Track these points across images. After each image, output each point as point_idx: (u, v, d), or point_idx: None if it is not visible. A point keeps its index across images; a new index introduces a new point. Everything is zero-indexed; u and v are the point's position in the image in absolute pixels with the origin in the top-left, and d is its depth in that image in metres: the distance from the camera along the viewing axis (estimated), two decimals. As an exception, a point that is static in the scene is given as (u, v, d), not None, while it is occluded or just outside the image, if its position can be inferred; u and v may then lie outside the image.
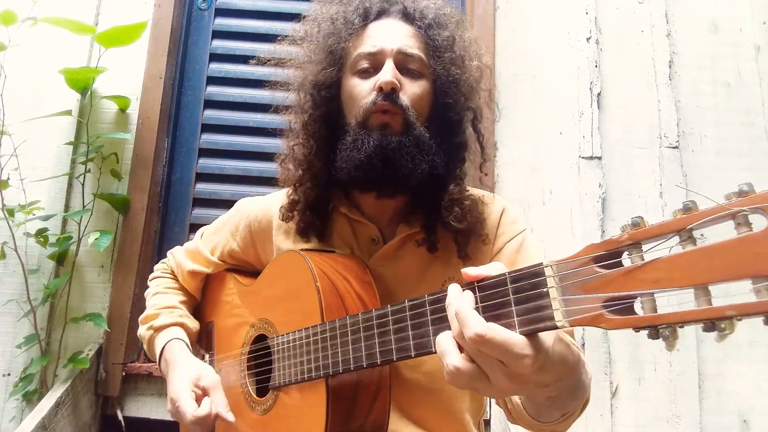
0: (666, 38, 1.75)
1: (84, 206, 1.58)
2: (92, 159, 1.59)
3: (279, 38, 0.96)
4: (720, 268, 0.40)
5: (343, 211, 0.88)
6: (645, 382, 1.53)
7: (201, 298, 1.07)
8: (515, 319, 0.51)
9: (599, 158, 1.67)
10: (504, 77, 1.73)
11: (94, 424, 1.52)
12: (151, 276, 1.09)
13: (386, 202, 0.85)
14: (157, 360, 0.96)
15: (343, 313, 0.73)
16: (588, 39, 1.75)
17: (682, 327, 0.42)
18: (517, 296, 0.51)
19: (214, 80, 1.77)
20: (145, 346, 1.01)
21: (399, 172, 0.79)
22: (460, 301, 0.53)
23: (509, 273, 0.53)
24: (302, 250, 0.83)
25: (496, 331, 0.50)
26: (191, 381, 0.87)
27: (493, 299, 0.53)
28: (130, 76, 1.69)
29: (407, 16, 0.85)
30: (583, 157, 1.67)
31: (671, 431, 1.50)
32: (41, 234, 1.52)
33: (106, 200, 1.58)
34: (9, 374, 1.52)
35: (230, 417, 0.84)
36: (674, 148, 1.68)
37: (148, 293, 1.05)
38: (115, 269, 1.58)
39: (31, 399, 1.47)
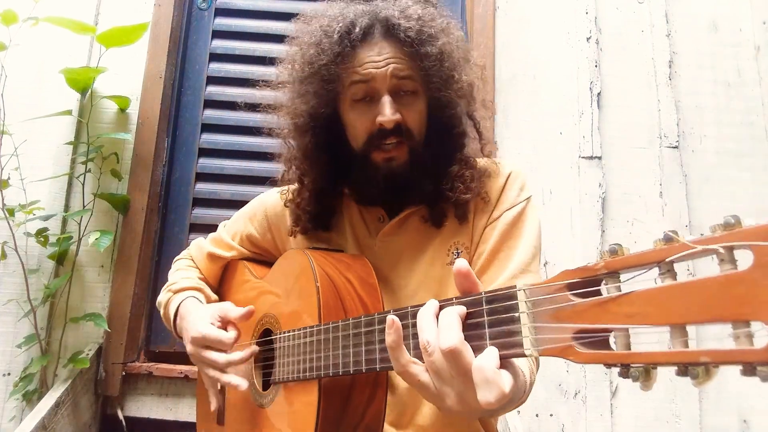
0: (666, 38, 1.75)
1: (84, 206, 1.58)
2: (92, 159, 1.59)
3: (273, 60, 0.96)
4: (698, 307, 0.36)
5: (351, 198, 0.92)
6: (645, 382, 1.53)
7: (219, 287, 1.09)
8: (487, 341, 0.50)
9: (599, 158, 1.67)
10: (504, 77, 1.73)
11: (94, 424, 1.52)
12: (175, 259, 1.13)
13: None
14: (172, 321, 0.97)
15: (341, 314, 0.74)
16: (588, 39, 1.75)
17: (654, 368, 0.39)
18: (491, 318, 0.50)
19: (214, 80, 1.77)
20: (161, 312, 1.03)
21: (408, 193, 0.85)
22: (450, 311, 0.53)
23: (485, 293, 0.52)
24: (309, 248, 0.85)
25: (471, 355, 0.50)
26: (210, 315, 0.88)
27: (468, 318, 0.52)
28: (130, 76, 1.69)
29: (391, 33, 0.82)
30: (583, 157, 1.67)
31: (671, 431, 1.50)
32: (41, 234, 1.52)
33: (106, 200, 1.59)
34: (9, 374, 1.52)
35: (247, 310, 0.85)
36: (674, 148, 1.68)
37: (170, 273, 1.09)
38: (115, 269, 1.58)
39: (31, 399, 1.47)
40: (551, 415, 1.52)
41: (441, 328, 0.51)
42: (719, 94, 1.72)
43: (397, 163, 0.83)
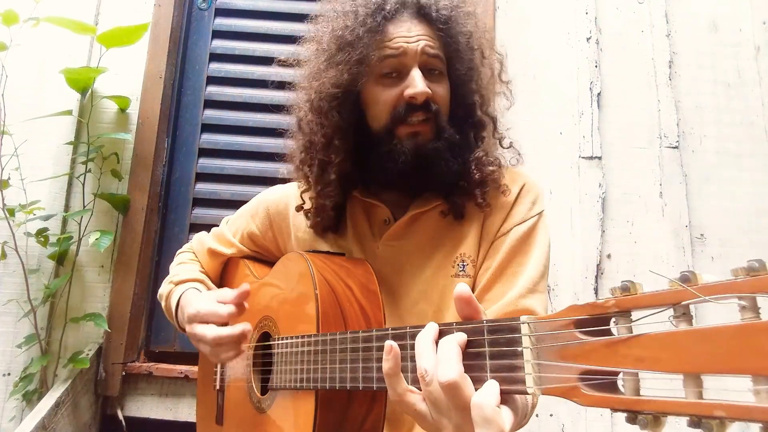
0: (666, 38, 1.75)
1: (84, 206, 1.58)
2: (92, 159, 1.59)
3: (296, 40, 0.93)
4: (715, 357, 0.33)
5: (356, 194, 0.89)
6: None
7: (219, 283, 1.09)
8: (488, 374, 0.47)
9: (599, 158, 1.67)
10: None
11: (94, 424, 1.52)
12: (177, 252, 1.12)
13: (407, 193, 0.88)
14: (174, 312, 0.95)
15: (340, 323, 0.72)
16: (588, 39, 1.75)
17: (665, 416, 0.36)
18: (492, 349, 0.47)
19: (214, 80, 1.77)
20: (163, 304, 1.02)
21: (434, 176, 0.81)
22: (450, 341, 0.50)
23: (487, 322, 0.49)
24: (309, 251, 0.83)
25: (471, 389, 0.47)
26: (213, 297, 0.85)
27: (469, 346, 0.50)
28: (130, 76, 1.69)
29: (423, 13, 0.83)
30: (583, 157, 1.67)
31: (671, 431, 1.50)
32: (41, 234, 1.52)
33: (106, 200, 1.59)
34: (9, 374, 1.52)
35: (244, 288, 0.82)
36: (674, 148, 1.68)
37: (172, 265, 1.08)
38: (115, 269, 1.58)
39: (31, 399, 1.47)
40: (551, 415, 1.51)
41: (440, 359, 0.49)
42: (719, 94, 1.72)
43: (423, 138, 0.81)
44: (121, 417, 1.51)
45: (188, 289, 0.95)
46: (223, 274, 1.09)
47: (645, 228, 1.63)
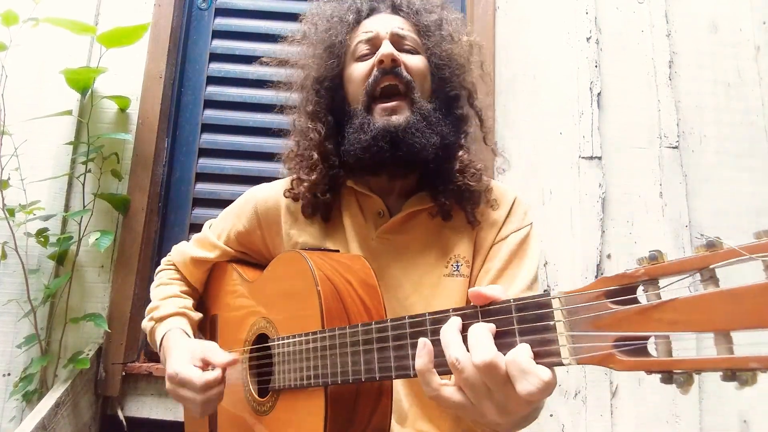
0: (666, 38, 1.75)
1: (84, 206, 1.57)
2: (92, 159, 1.59)
3: (279, 39, 0.99)
4: (744, 314, 0.36)
5: (350, 184, 0.90)
6: (645, 382, 1.53)
7: (205, 291, 1.07)
8: None
9: (599, 158, 1.67)
10: (504, 77, 1.73)
11: (93, 424, 1.52)
12: (157, 270, 1.09)
13: (396, 181, 0.89)
14: (158, 350, 0.95)
15: (344, 318, 0.72)
16: (588, 39, 1.75)
17: (698, 373, 0.39)
18: (522, 326, 0.49)
19: (214, 80, 1.77)
20: (148, 339, 1.00)
21: (411, 149, 0.81)
22: (481, 327, 0.51)
23: (514, 300, 0.50)
24: (305, 249, 0.82)
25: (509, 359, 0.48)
26: (191, 354, 0.82)
27: (497, 327, 0.51)
28: (130, 76, 1.69)
29: (395, 9, 0.92)
30: (583, 157, 1.67)
31: (671, 431, 1.50)
32: (41, 234, 1.52)
33: (106, 200, 1.58)
34: (9, 374, 1.52)
35: (232, 357, 0.80)
36: (674, 148, 1.68)
37: (152, 287, 1.05)
38: (115, 269, 1.58)
39: (31, 399, 1.46)
40: (551, 415, 1.51)
41: (473, 344, 0.50)
42: (719, 94, 1.72)
43: (397, 118, 0.82)
44: (121, 417, 1.51)
45: (170, 330, 0.91)
46: (209, 280, 1.05)
47: (645, 228, 1.63)
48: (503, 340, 0.50)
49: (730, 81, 1.73)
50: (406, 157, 0.82)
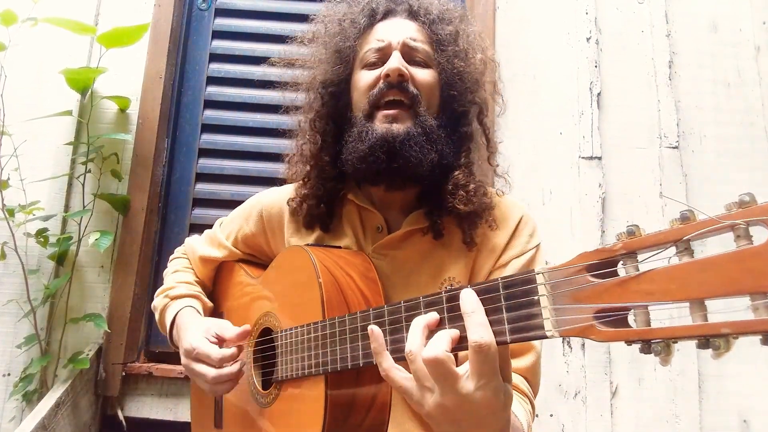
0: (666, 38, 1.75)
1: (84, 206, 1.57)
2: (92, 159, 1.59)
3: (287, 39, 0.98)
4: (716, 282, 0.38)
5: (351, 197, 0.89)
6: (645, 382, 1.53)
7: (213, 288, 1.08)
8: (506, 326, 0.51)
9: (599, 158, 1.67)
10: (504, 77, 1.71)
11: (93, 424, 1.52)
12: (171, 257, 1.12)
13: (395, 194, 0.86)
14: (168, 329, 0.96)
15: (344, 308, 0.74)
16: (588, 39, 1.75)
17: (675, 342, 0.40)
18: (509, 303, 0.51)
19: (214, 80, 1.77)
20: (156, 316, 1.02)
21: (408, 163, 0.79)
22: (423, 319, 0.56)
23: (501, 278, 0.52)
24: (307, 245, 0.84)
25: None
26: (206, 329, 0.85)
27: (484, 305, 0.53)
28: (130, 77, 1.69)
29: (412, 14, 0.88)
30: (583, 157, 1.67)
31: (671, 431, 1.50)
32: (41, 234, 1.52)
33: (106, 200, 1.58)
34: (9, 374, 1.52)
35: (243, 329, 0.83)
36: (674, 148, 1.68)
37: (166, 272, 1.08)
38: (115, 269, 1.58)
39: (31, 399, 1.47)
40: (551, 415, 1.51)
41: (431, 341, 0.54)
42: (719, 94, 1.72)
43: (398, 126, 0.80)
44: (121, 417, 1.51)
45: (184, 308, 0.94)
46: (217, 279, 1.08)
47: (645, 228, 1.63)
48: (492, 317, 0.52)
49: (730, 81, 1.73)
50: (401, 169, 0.80)
